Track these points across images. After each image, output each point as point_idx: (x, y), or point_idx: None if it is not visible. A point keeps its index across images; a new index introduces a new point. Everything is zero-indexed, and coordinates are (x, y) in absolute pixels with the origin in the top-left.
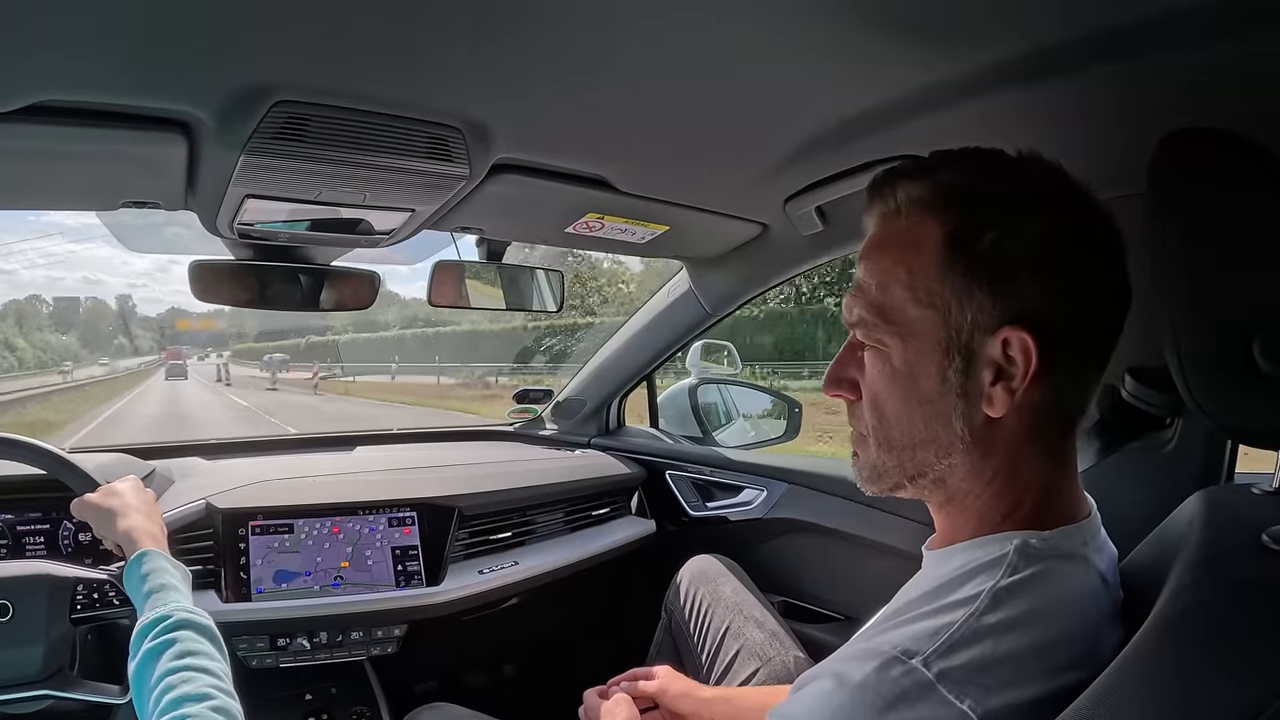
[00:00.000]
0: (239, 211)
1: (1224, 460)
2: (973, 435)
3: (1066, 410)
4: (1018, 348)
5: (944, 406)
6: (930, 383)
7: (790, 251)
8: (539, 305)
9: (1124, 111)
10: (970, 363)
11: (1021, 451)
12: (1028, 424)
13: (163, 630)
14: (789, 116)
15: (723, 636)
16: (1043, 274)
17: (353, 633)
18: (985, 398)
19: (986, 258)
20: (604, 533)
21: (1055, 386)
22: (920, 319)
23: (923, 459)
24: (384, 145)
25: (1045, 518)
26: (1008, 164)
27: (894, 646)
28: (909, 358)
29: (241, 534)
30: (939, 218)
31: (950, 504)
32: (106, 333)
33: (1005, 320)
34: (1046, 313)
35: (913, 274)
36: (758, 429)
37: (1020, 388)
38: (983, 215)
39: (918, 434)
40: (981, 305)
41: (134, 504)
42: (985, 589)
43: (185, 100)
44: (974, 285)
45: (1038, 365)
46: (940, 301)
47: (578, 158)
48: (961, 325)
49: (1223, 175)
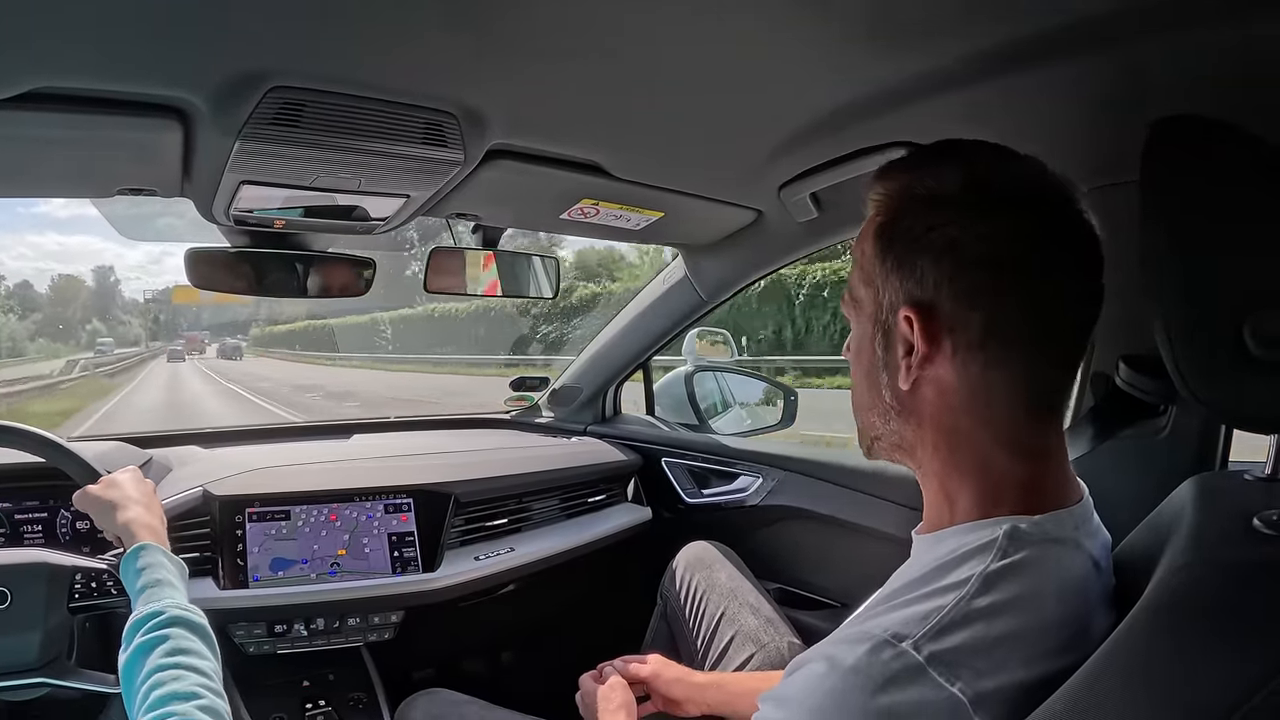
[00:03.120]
0: (234, 198)
1: (1217, 447)
2: (899, 403)
3: (1006, 396)
4: (915, 327)
5: (876, 377)
6: (867, 353)
7: (785, 238)
8: (535, 291)
9: (1117, 98)
10: (888, 337)
11: (959, 429)
12: (951, 400)
13: (155, 626)
14: (783, 103)
15: (717, 622)
16: (943, 263)
17: (349, 619)
18: (897, 369)
19: (900, 244)
20: (600, 519)
21: (968, 369)
22: (865, 297)
23: (870, 421)
24: (378, 131)
25: (1034, 504)
26: (952, 164)
27: (885, 630)
28: (860, 330)
29: (239, 521)
30: (882, 211)
31: (923, 476)
32: (77, 318)
33: (906, 301)
34: (943, 300)
35: (864, 257)
36: (754, 416)
37: (915, 363)
38: (907, 210)
39: (864, 399)
40: (894, 286)
41: (134, 496)
42: (976, 573)
43: (180, 86)
44: (890, 268)
45: (925, 347)
46: (874, 281)
47: (572, 143)
48: (883, 302)
49: (1213, 163)
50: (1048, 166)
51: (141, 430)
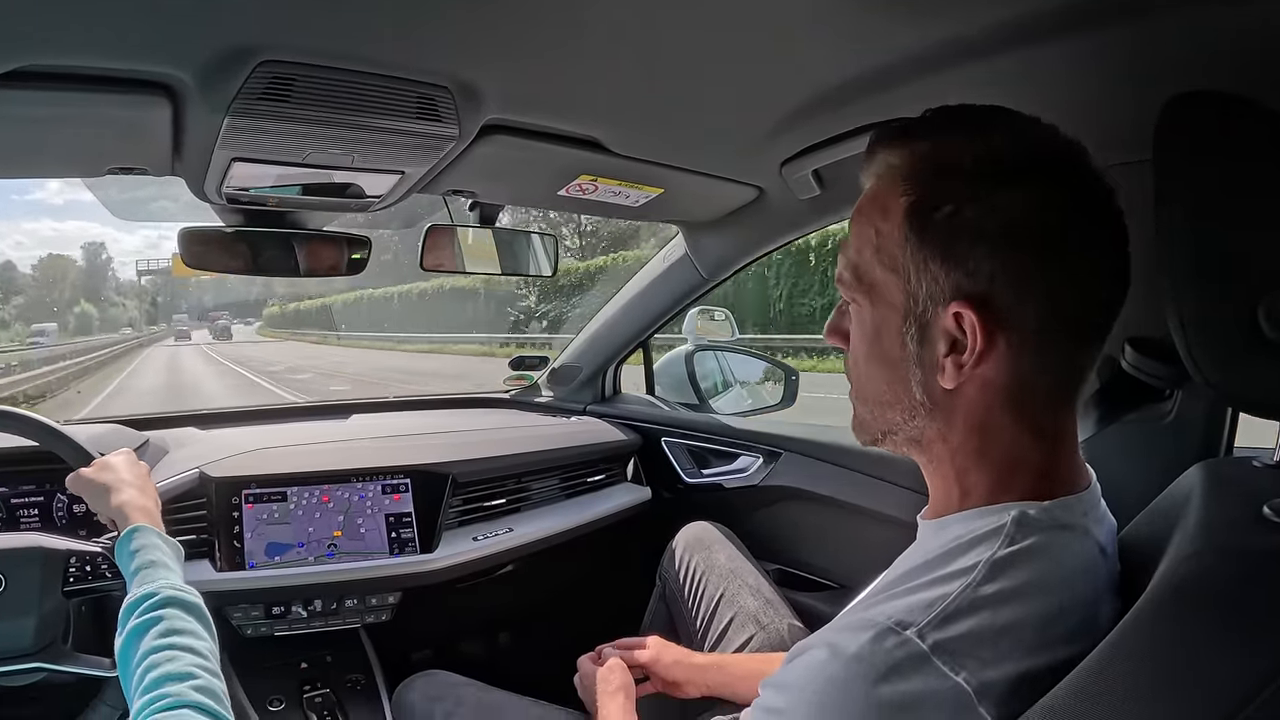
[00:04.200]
0: (226, 176)
1: (1223, 434)
2: (933, 402)
3: (1047, 388)
4: (967, 323)
5: (904, 371)
6: (892, 345)
7: (787, 215)
8: (534, 269)
9: (1134, 73)
10: (925, 332)
11: (994, 426)
12: (995, 399)
13: (149, 607)
14: (786, 78)
15: (717, 604)
16: (997, 253)
17: (347, 600)
18: (939, 368)
19: (941, 230)
20: (599, 499)
21: (1020, 364)
22: (885, 282)
23: (891, 418)
24: (371, 106)
25: (1043, 489)
26: (988, 130)
27: (889, 618)
28: (875, 319)
29: (235, 503)
30: (905, 185)
31: (933, 467)
32: (65, 300)
33: (956, 294)
34: (998, 293)
35: (881, 238)
36: (754, 396)
37: (969, 363)
38: (943, 187)
39: (883, 393)
40: (935, 277)
41: (127, 478)
42: (983, 559)
43: (167, 62)
44: (928, 256)
45: (984, 344)
46: (901, 268)
47: (569, 118)
48: (918, 294)
49: (1229, 140)
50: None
51: (139, 412)
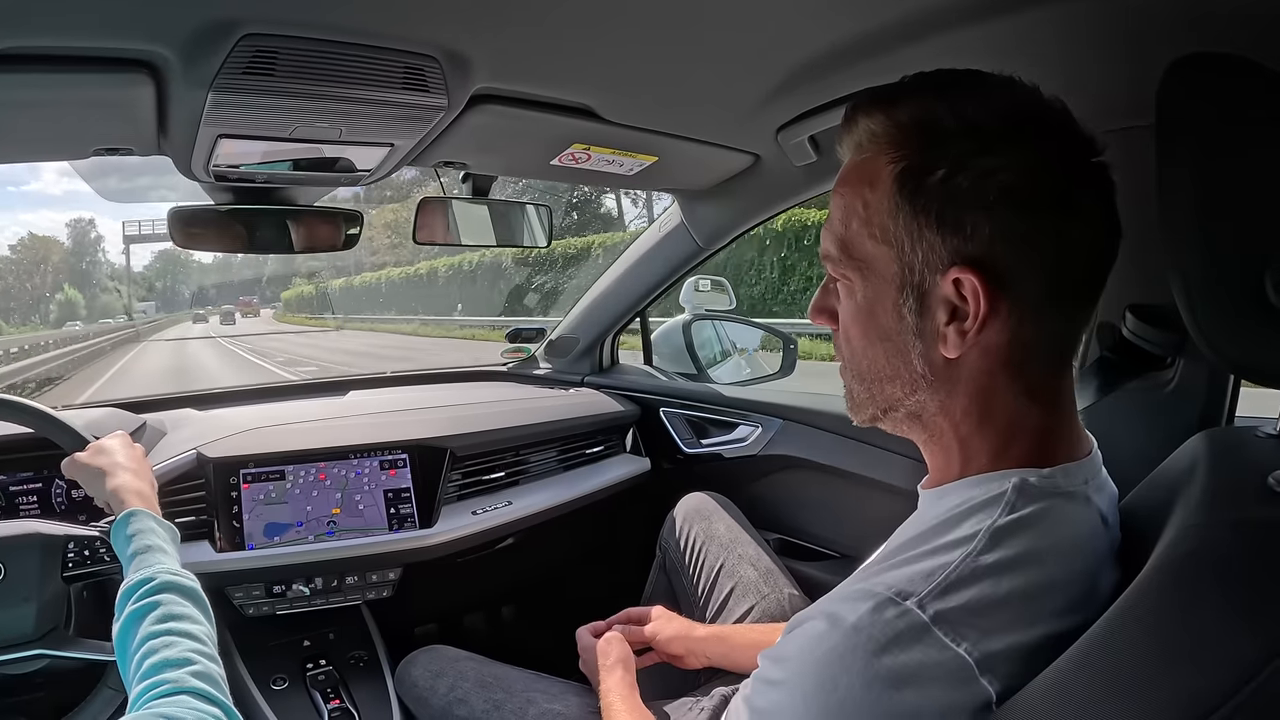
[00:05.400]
0: (213, 153)
1: (1224, 402)
2: (934, 373)
3: (1046, 349)
4: (968, 289)
5: (902, 344)
6: (888, 319)
7: (783, 183)
8: (529, 240)
9: (1133, 35)
10: (924, 302)
11: (995, 391)
12: (996, 364)
13: (146, 593)
14: (782, 41)
15: (717, 574)
16: (995, 215)
17: (348, 578)
18: (940, 337)
19: (935, 195)
20: (598, 471)
21: (1022, 328)
22: (876, 255)
23: (891, 393)
24: (357, 77)
25: (1044, 455)
26: (973, 90)
27: (889, 588)
28: (868, 294)
29: (233, 482)
30: (892, 152)
31: (933, 441)
32: (47, 286)
33: (954, 260)
34: (998, 256)
35: (869, 209)
36: (753, 365)
37: (972, 329)
38: (934, 151)
39: (881, 369)
40: (931, 244)
41: (122, 462)
42: (983, 528)
43: (148, 39)
44: (923, 223)
45: (987, 308)
46: (893, 238)
47: (561, 86)
48: (913, 263)
49: (1233, 103)
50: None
51: (136, 395)
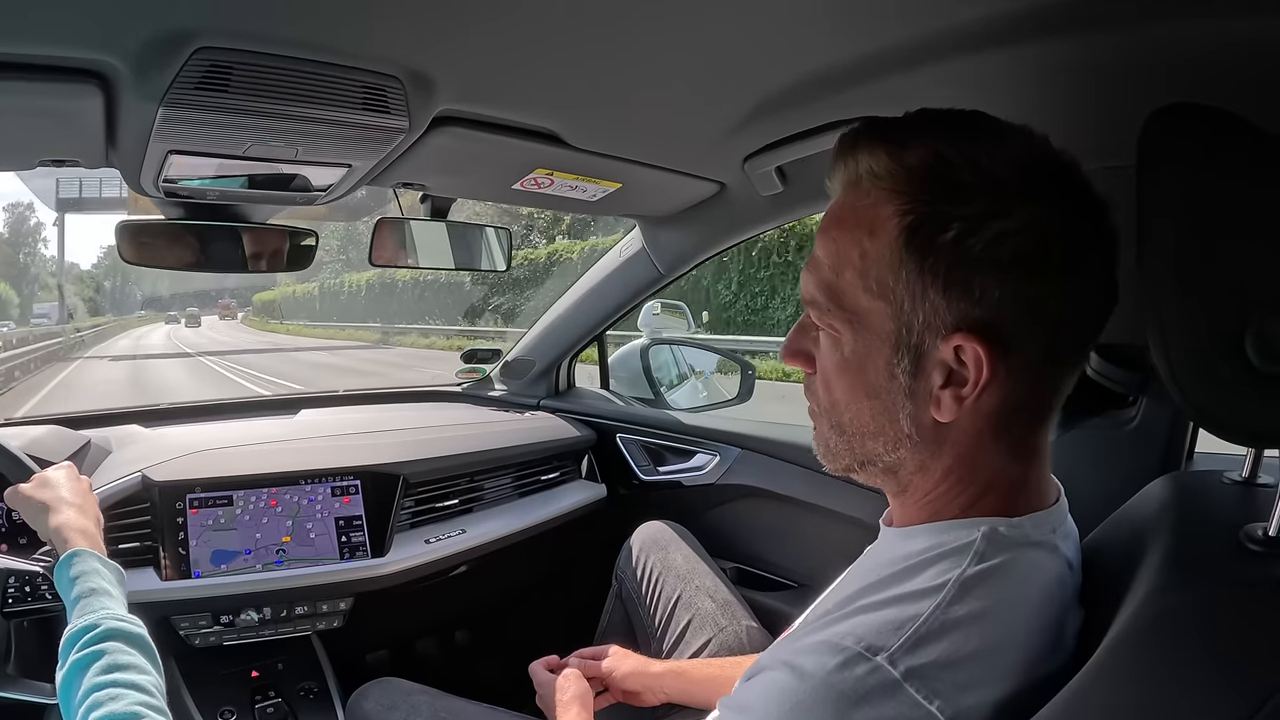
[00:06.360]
0: (163, 168)
1: (1185, 442)
2: (920, 435)
3: (1034, 407)
4: (970, 355)
5: (891, 403)
6: (878, 376)
7: (748, 211)
8: (487, 264)
9: (1114, 78)
10: (919, 363)
11: (979, 451)
12: (985, 426)
13: (90, 641)
14: (752, 70)
15: (674, 606)
16: (1007, 280)
17: (298, 607)
18: (934, 400)
19: (944, 255)
20: (553, 498)
21: (1014, 391)
22: (871, 309)
23: (871, 448)
24: (315, 96)
25: (1014, 504)
26: (988, 139)
27: (857, 640)
28: (858, 348)
29: (179, 507)
30: (898, 200)
31: (904, 493)
32: None
33: (959, 326)
34: (1004, 320)
35: (866, 259)
36: (709, 389)
37: (970, 396)
38: (946, 205)
39: (865, 425)
40: (935, 306)
41: (67, 496)
42: (952, 577)
43: (98, 48)
44: (928, 283)
45: (989, 374)
46: (892, 295)
47: (526, 110)
48: (913, 324)
49: (1216, 155)
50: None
51: (79, 409)
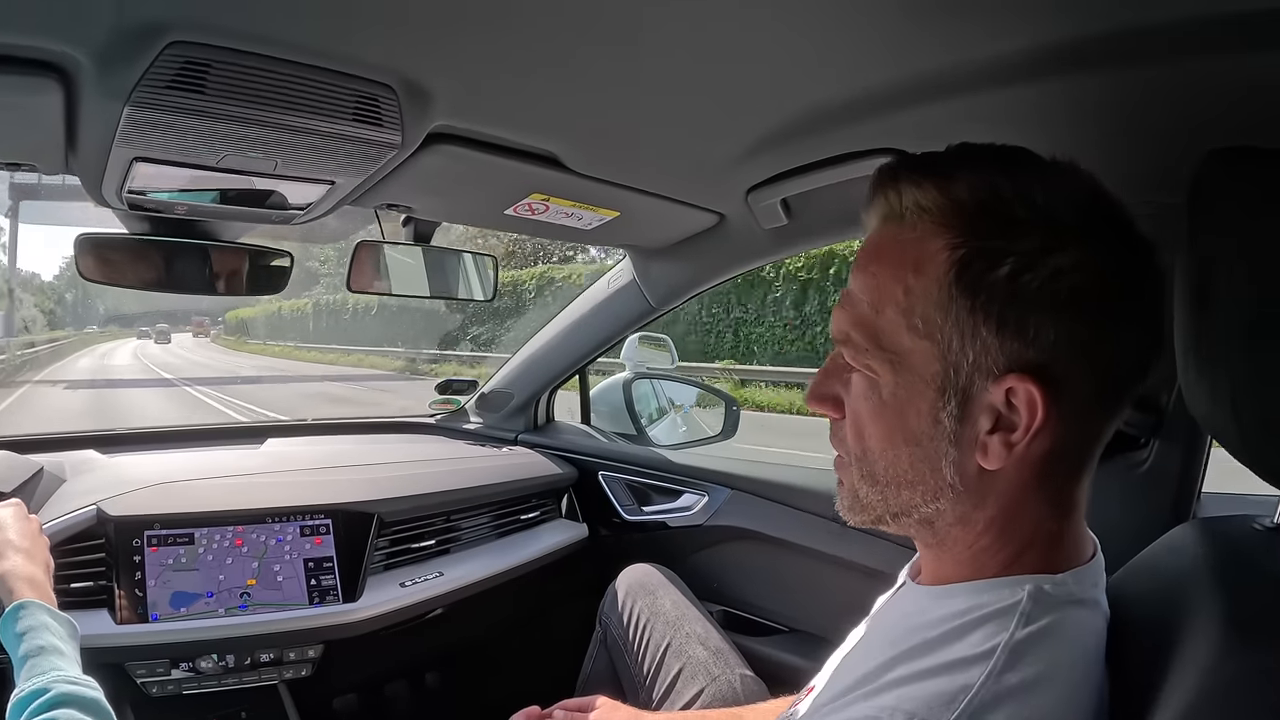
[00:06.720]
0: (127, 177)
1: (1196, 484)
2: (964, 484)
3: (1077, 455)
4: (1022, 398)
5: (933, 450)
6: (920, 422)
7: (747, 245)
8: (467, 293)
9: (1146, 115)
10: (966, 407)
11: (1023, 503)
12: (1030, 475)
13: (41, 708)
14: (763, 99)
15: (663, 654)
16: (1061, 320)
17: (262, 655)
18: (980, 446)
19: (999, 293)
20: (533, 538)
21: (1062, 438)
22: (915, 350)
23: (908, 499)
24: (300, 103)
25: (1055, 560)
26: (1040, 175)
27: (908, 716)
28: (899, 391)
29: (137, 545)
30: (947, 235)
31: (940, 547)
32: None
33: (1011, 367)
34: (1059, 362)
35: (910, 296)
36: (690, 426)
37: (1020, 442)
38: (1000, 240)
39: (903, 473)
40: (986, 346)
41: (14, 539)
42: (1000, 642)
43: (59, 37)
44: (980, 321)
45: (1043, 418)
46: (939, 334)
47: (527, 131)
48: (961, 365)
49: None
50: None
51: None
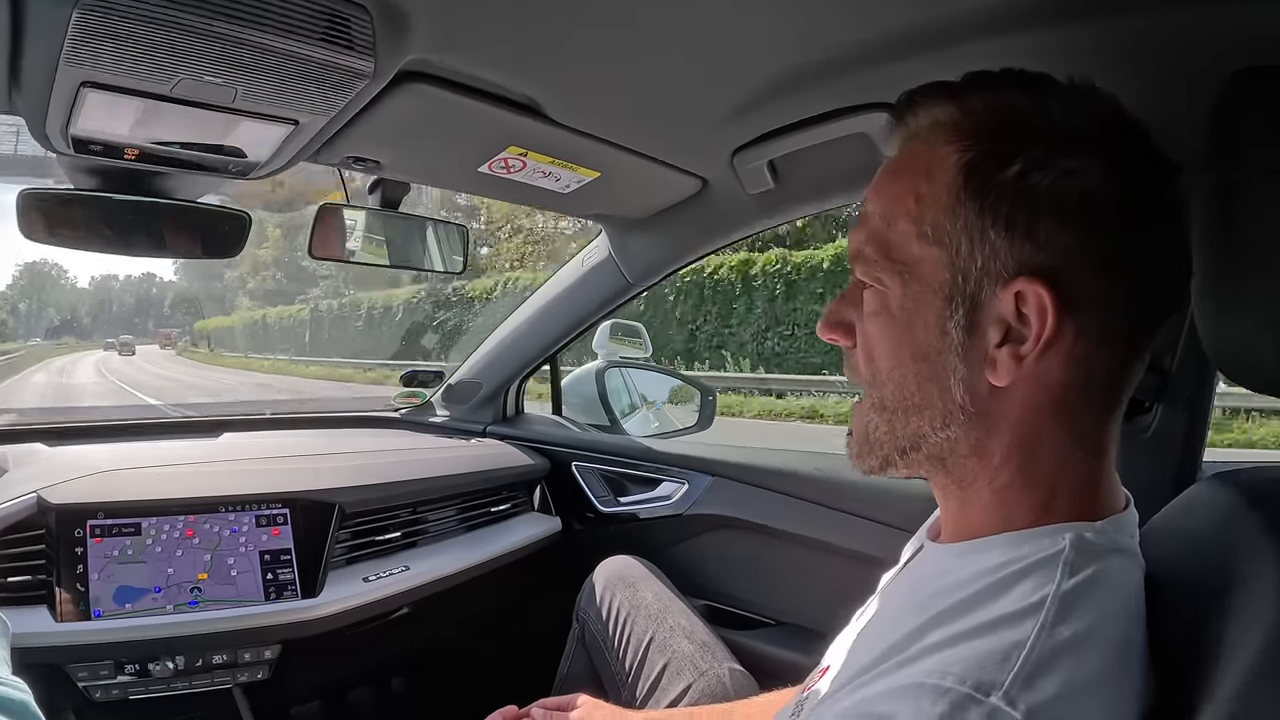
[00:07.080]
0: (74, 110)
1: (1199, 448)
2: (975, 405)
3: (1101, 390)
4: (1032, 305)
5: (940, 365)
6: (927, 334)
7: (732, 212)
8: (438, 265)
9: (1138, 64)
10: (974, 316)
11: (1042, 432)
12: (1047, 401)
13: None
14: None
15: (646, 648)
16: (1074, 225)
17: (215, 656)
18: (989, 361)
19: (1007, 192)
20: (504, 531)
21: (1082, 360)
22: (924, 258)
23: (916, 427)
24: (265, 16)
25: (1091, 509)
26: (1054, 91)
27: (959, 679)
28: (907, 303)
29: (79, 536)
30: (960, 142)
31: (959, 488)
32: None
33: (1021, 270)
34: (1071, 271)
35: (921, 203)
36: (662, 421)
37: (1030, 354)
38: (1010, 143)
39: (910, 396)
40: (995, 249)
41: None
42: (1047, 594)
43: None
44: (988, 223)
45: (1054, 329)
46: (948, 239)
47: (507, 71)
48: (969, 270)
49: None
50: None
51: None
